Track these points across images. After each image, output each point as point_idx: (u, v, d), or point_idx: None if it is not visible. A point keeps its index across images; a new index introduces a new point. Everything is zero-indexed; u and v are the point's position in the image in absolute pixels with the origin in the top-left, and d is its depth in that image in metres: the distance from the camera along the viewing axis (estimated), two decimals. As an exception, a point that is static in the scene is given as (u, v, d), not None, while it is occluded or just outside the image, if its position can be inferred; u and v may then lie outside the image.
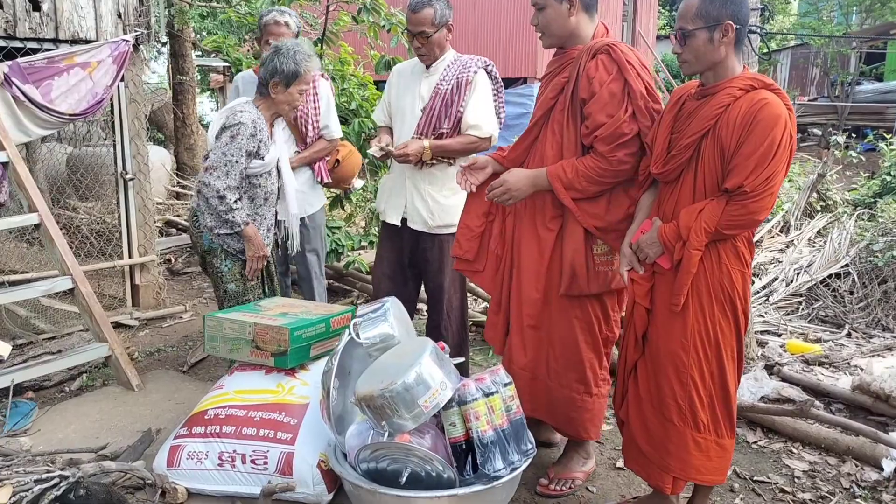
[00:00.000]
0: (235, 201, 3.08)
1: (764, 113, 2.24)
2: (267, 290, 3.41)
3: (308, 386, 2.68)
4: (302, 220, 4.00)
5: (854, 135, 16.43)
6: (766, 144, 2.23)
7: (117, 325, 5.01)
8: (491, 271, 3.01)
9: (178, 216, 8.91)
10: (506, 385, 2.35)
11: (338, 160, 4.00)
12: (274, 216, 3.41)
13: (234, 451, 2.54)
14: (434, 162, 3.41)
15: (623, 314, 2.82)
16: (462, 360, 2.46)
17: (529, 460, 2.34)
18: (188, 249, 7.56)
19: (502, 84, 3.60)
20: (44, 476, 2.38)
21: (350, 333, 2.52)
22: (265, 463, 2.52)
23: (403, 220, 3.52)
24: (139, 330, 5.03)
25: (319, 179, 4.03)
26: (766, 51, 3.97)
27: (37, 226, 3.62)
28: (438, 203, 3.45)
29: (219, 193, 3.04)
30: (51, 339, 4.60)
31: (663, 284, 2.50)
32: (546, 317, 2.83)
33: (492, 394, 2.29)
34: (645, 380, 2.60)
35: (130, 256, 5.29)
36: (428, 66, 3.46)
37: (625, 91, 2.58)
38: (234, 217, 3.09)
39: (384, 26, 5.41)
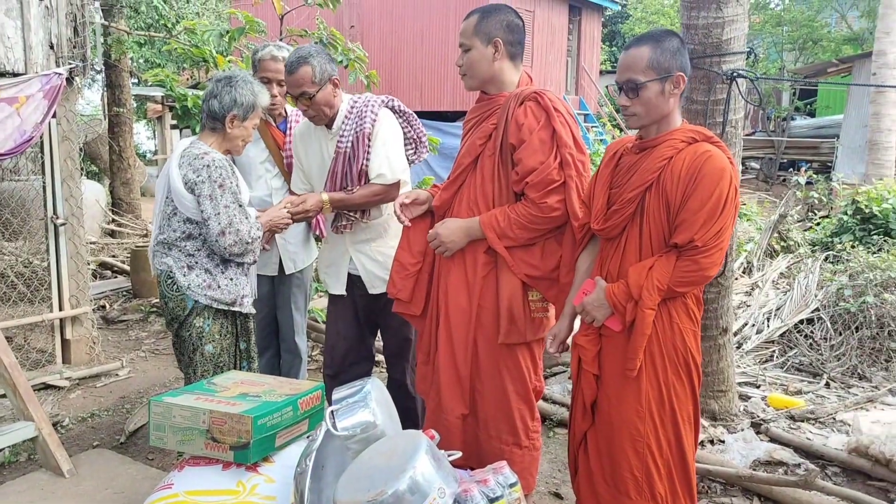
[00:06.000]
0: (252, 227, 2.90)
1: (709, 166, 2.17)
2: (242, 347, 3.08)
3: (274, 483, 2.29)
4: (290, 276, 3.70)
5: (791, 168, 16.85)
6: (714, 198, 2.16)
7: (46, 387, 4.54)
8: (425, 314, 2.94)
9: (113, 257, 8.37)
10: (511, 486, 2.03)
11: None
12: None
13: (187, 569, 2.14)
14: (347, 224, 3.20)
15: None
16: (459, 453, 2.13)
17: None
18: (125, 294, 7.06)
19: (411, 113, 3.34)
20: None
21: (326, 425, 2.17)
22: (225, 583, 2.12)
23: (354, 281, 3.29)
24: (70, 391, 4.55)
25: (318, 233, 3.73)
26: (757, 98, 3.83)
27: (-50, 286, 3.16)
28: (390, 257, 3.17)
29: (251, 237, 2.88)
30: (-32, 407, 4.10)
31: (612, 348, 2.37)
32: (475, 366, 2.77)
33: (497, 499, 1.96)
34: (596, 453, 2.44)
35: (61, 308, 4.82)
36: (329, 127, 3.20)
37: (553, 139, 2.59)
38: (256, 235, 2.92)
39: (341, 62, 5.11)
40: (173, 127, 15.87)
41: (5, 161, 5.37)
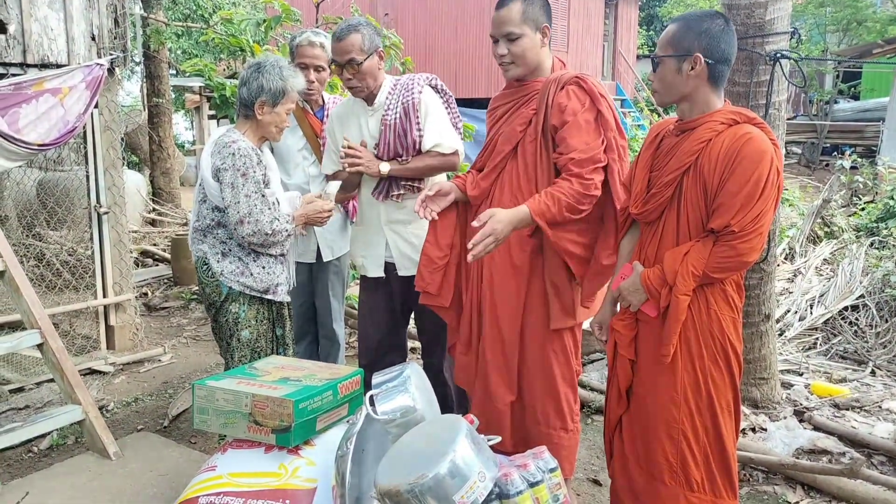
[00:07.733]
0: (275, 219, 2.86)
1: (748, 148, 2.11)
2: (278, 334, 3.11)
3: (315, 466, 2.32)
4: (328, 263, 3.71)
5: (834, 153, 16.47)
6: (752, 182, 2.10)
7: (92, 372, 4.64)
8: (457, 307, 2.94)
9: (154, 245, 8.50)
10: (551, 471, 2.03)
11: None
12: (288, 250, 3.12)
13: (231, 548, 2.17)
14: (403, 193, 3.14)
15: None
16: (499, 438, 2.13)
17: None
18: (166, 281, 7.18)
19: (451, 95, 3.33)
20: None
21: (367, 409, 2.18)
22: (268, 563, 2.15)
23: (388, 267, 3.25)
24: (114, 376, 4.64)
25: (354, 221, 3.72)
26: (800, 79, 3.77)
27: (0, 273, 3.24)
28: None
29: (272, 228, 2.83)
30: (18, 392, 4.21)
31: (648, 334, 2.34)
32: (521, 352, 2.76)
33: (537, 483, 1.96)
34: (630, 437, 2.42)
35: (105, 295, 4.92)
36: (369, 102, 3.17)
37: (598, 121, 2.61)
38: (279, 227, 2.87)
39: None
40: (211, 117, 16.07)
41: (50, 151, 5.49)
